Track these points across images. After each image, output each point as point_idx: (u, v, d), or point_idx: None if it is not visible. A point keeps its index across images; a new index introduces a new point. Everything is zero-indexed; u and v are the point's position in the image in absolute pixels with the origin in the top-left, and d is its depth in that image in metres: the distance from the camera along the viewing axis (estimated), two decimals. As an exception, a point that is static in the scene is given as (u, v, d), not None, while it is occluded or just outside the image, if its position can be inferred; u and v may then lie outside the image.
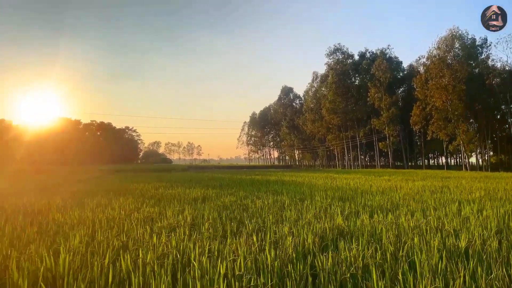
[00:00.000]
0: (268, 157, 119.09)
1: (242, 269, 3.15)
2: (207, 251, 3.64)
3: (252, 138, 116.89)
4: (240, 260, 3.26)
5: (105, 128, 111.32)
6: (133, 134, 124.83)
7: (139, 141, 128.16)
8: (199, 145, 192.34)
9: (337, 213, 6.22)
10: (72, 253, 3.56)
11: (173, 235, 4.53)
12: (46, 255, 3.31)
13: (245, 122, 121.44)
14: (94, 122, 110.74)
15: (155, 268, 3.12)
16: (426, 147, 58.37)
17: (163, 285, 2.67)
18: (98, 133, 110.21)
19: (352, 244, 3.84)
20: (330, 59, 64.34)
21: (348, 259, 3.36)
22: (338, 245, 3.96)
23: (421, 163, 63.47)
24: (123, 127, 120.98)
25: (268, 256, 3.41)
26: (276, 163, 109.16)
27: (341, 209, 6.90)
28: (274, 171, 46.49)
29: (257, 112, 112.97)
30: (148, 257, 3.38)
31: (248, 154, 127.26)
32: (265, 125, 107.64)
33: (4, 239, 4.38)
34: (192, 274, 2.96)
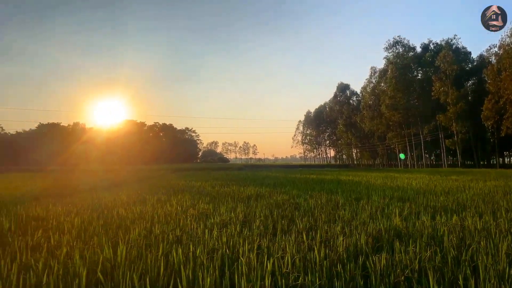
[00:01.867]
0: (324, 156, 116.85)
1: (290, 267, 3.11)
2: (255, 248, 3.65)
3: (307, 137, 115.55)
4: (288, 258, 3.22)
5: (167, 129, 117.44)
6: (193, 134, 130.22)
7: (198, 141, 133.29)
8: (254, 145, 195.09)
9: (394, 214, 5.90)
10: (130, 245, 3.79)
11: (224, 231, 4.62)
12: (107, 246, 3.55)
13: (300, 121, 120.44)
14: (157, 123, 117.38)
15: (205, 262, 3.20)
16: (500, 145, 53.01)
17: (210, 279, 2.72)
18: (161, 134, 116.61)
19: (409, 246, 3.60)
20: (390, 52, 61.28)
21: (404, 261, 3.16)
22: (393, 246, 3.74)
23: (494, 162, 57.89)
24: (183, 128, 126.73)
25: (317, 255, 3.33)
26: (332, 162, 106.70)
27: (400, 209, 6.52)
28: (330, 170, 45.49)
29: (312, 110, 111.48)
30: (199, 251, 3.48)
31: (304, 153, 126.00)
32: (320, 124, 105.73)
33: (72, 231, 4.79)
34: (239, 270, 2.98)
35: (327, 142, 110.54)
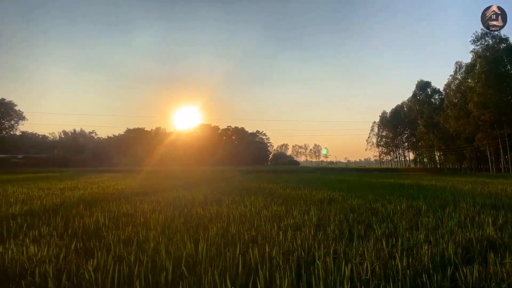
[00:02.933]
0: (402, 159, 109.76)
1: (369, 274, 2.97)
2: (332, 252, 3.57)
3: (383, 139, 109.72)
4: (367, 264, 3.09)
5: (239, 132, 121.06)
6: (263, 137, 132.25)
7: (269, 144, 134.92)
8: (325, 147, 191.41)
9: (487, 223, 5.30)
10: (209, 243, 3.97)
11: (298, 233, 4.60)
12: (189, 243, 3.77)
13: (374, 122, 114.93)
14: (230, 127, 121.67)
15: (281, 263, 3.22)
16: None
17: (288, 280, 2.73)
18: (233, 137, 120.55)
19: (506, 259, 3.21)
20: (477, 45, 55.32)
21: (499, 274, 2.82)
22: (487, 258, 3.37)
23: None
24: (254, 131, 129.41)
25: (399, 263, 3.14)
26: (412, 165, 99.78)
27: (494, 218, 5.85)
28: (410, 174, 42.62)
29: (388, 110, 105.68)
30: (274, 252, 3.51)
31: (379, 156, 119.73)
32: (397, 125, 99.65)
33: (158, 227, 5.17)
34: (316, 273, 2.94)
35: (406, 144, 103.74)
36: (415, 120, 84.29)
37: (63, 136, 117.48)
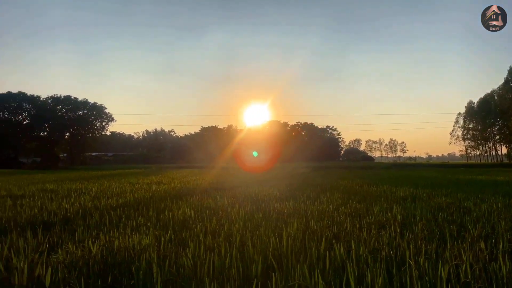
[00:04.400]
0: (493, 153, 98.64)
1: (469, 277, 2.76)
2: (423, 252, 3.38)
3: (470, 132, 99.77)
4: (466, 267, 2.87)
5: (308, 128, 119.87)
6: (334, 132, 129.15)
7: (340, 139, 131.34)
8: (402, 142, 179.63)
9: None
10: (291, 238, 4.03)
11: (383, 232, 4.44)
12: (273, 236, 3.86)
13: (459, 114, 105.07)
14: (299, 123, 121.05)
15: (369, 261, 3.14)
16: None
17: (380, 279, 2.66)
18: (303, 133, 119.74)
19: None
20: None
21: None
22: None
23: None
24: (324, 127, 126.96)
25: (503, 267, 2.86)
26: (505, 161, 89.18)
27: None
28: (503, 170, 38.22)
29: (475, 100, 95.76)
30: (361, 250, 3.44)
31: (465, 151, 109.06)
32: (487, 116, 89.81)
33: (239, 221, 5.38)
34: (408, 273, 2.81)
35: (497, 137, 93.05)
36: (509, 110, 75.10)
37: (146, 135, 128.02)
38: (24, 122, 75.74)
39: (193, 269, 3.04)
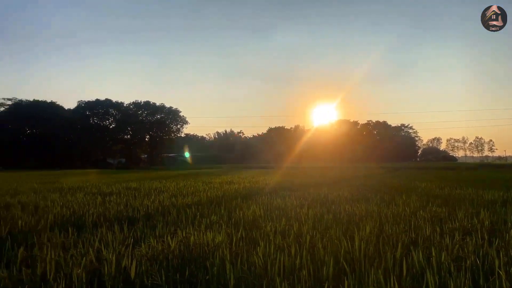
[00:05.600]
0: None
1: None
2: (518, 264, 3.02)
3: None
4: None
5: (380, 127, 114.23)
6: (409, 131, 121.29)
7: (416, 138, 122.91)
8: (490, 140, 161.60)
9: None
10: (364, 241, 3.87)
11: (468, 239, 4.05)
12: (345, 239, 3.76)
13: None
14: (370, 122, 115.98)
15: (452, 270, 2.90)
16: None
17: (465, 290, 2.43)
18: (374, 132, 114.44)
19: None
20: None
21: None
22: None
23: None
24: (399, 125, 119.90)
25: None
26: None
27: None
28: None
29: None
30: (442, 257, 3.18)
31: None
32: None
33: (309, 222, 5.33)
34: (498, 284, 2.53)
35: None
36: None
37: (216, 136, 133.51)
38: (111, 126, 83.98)
39: (264, 268, 3.09)
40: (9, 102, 74.19)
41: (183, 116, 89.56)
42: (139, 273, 3.11)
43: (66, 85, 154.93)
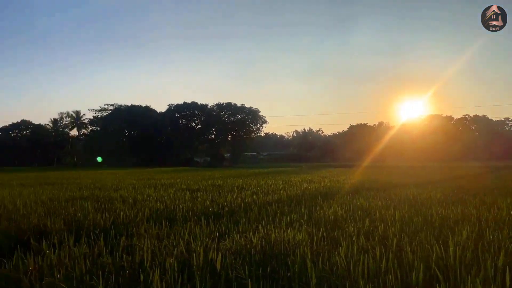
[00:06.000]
0: None
1: None
2: None
3: None
4: None
5: (480, 121, 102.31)
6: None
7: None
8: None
9: None
10: (460, 247, 3.52)
11: None
12: (437, 244, 3.47)
13: None
14: (467, 116, 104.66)
15: None
16: None
17: None
18: (472, 127, 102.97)
19: None
20: None
21: None
22: None
23: None
24: (502, 119, 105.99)
25: None
26: None
27: None
28: None
29: None
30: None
31: None
32: None
33: (395, 224, 5.02)
34: None
35: None
36: None
37: (295, 135, 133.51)
38: (197, 127, 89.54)
39: (347, 269, 3.01)
40: (111, 107, 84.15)
41: (262, 115, 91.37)
42: (224, 265, 3.28)
43: (157, 90, 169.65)
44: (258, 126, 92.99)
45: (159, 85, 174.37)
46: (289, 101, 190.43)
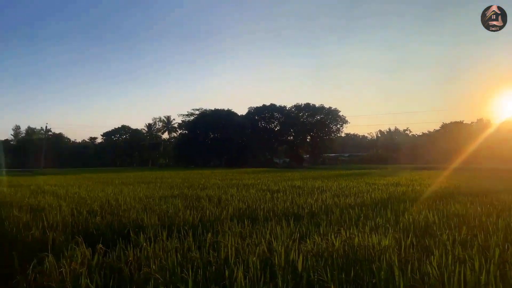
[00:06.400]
0: None
1: None
2: None
3: None
4: None
5: None
6: None
7: None
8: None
9: None
10: None
11: None
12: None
13: None
14: None
15: None
16: None
17: None
18: None
19: None
20: None
21: None
22: None
23: None
24: None
25: None
26: None
27: None
28: None
29: None
30: None
31: None
32: None
33: (499, 234, 4.46)
34: None
35: None
36: None
37: (379, 135, 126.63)
38: (276, 129, 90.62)
39: (440, 280, 2.77)
40: (197, 112, 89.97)
41: (342, 115, 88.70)
42: (305, 267, 3.27)
43: (238, 94, 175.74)
44: (338, 126, 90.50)
45: (240, 89, 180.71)
46: (372, 99, 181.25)
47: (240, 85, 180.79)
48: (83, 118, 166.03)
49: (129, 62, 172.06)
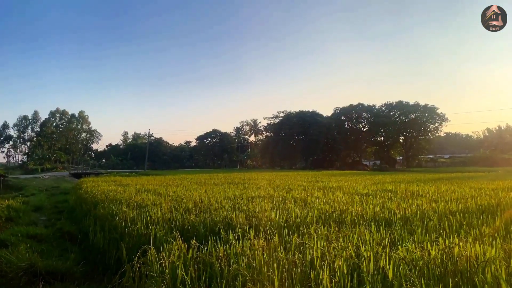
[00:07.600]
0: None
1: None
2: None
3: None
4: None
5: None
6: None
7: None
8: None
9: None
10: None
11: None
12: None
13: None
14: None
15: None
16: None
17: None
18: None
19: None
20: None
21: None
22: None
23: None
24: None
25: None
26: None
27: None
28: None
29: None
30: None
31: None
32: None
33: None
34: None
35: None
36: None
37: (487, 134, 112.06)
38: (364, 129, 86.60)
39: None
40: (282, 114, 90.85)
41: (441, 113, 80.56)
42: (397, 275, 3.08)
43: (323, 94, 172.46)
44: (436, 125, 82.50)
45: (324, 89, 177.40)
46: (478, 93, 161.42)
47: (325, 85, 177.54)
48: (180, 123, 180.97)
49: (215, 67, 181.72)
